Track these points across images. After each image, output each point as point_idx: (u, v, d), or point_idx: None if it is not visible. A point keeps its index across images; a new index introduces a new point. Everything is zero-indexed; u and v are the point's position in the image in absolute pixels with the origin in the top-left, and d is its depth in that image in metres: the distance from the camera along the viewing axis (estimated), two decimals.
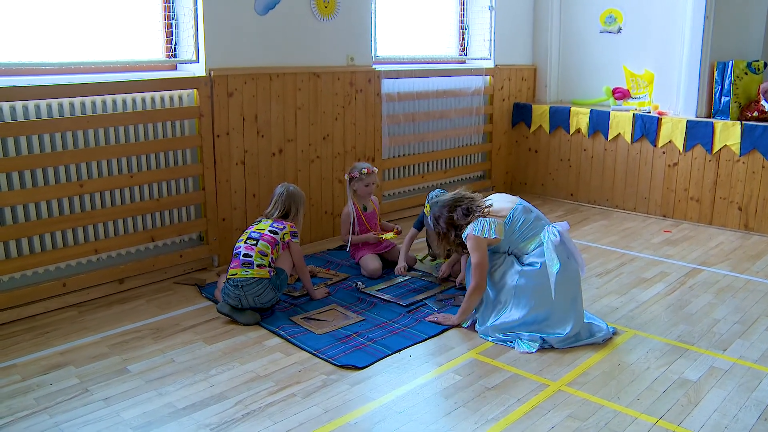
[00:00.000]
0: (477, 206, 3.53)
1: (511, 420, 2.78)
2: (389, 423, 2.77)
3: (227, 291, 3.69)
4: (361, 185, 4.52)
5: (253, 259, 3.69)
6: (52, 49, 3.93)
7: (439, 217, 3.59)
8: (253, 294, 3.65)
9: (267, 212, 4.02)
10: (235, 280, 3.65)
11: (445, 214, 3.57)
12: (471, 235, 3.46)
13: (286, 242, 3.85)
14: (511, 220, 3.49)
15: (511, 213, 3.50)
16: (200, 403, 2.90)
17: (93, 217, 4.03)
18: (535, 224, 3.50)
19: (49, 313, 3.85)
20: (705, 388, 3.04)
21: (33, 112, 3.73)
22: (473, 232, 3.45)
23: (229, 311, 3.70)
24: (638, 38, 6.50)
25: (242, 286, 3.64)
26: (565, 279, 3.38)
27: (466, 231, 3.49)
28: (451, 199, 3.61)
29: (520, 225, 3.48)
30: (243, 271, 3.66)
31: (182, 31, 4.38)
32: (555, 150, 6.77)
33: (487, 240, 3.44)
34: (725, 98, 5.67)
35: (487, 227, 3.44)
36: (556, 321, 3.42)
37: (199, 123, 4.43)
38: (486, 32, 6.59)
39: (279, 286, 3.77)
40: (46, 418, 2.78)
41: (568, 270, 3.42)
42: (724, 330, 3.67)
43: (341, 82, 5.25)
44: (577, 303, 3.48)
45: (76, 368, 3.21)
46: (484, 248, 3.47)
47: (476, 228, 3.45)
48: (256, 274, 3.66)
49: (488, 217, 3.48)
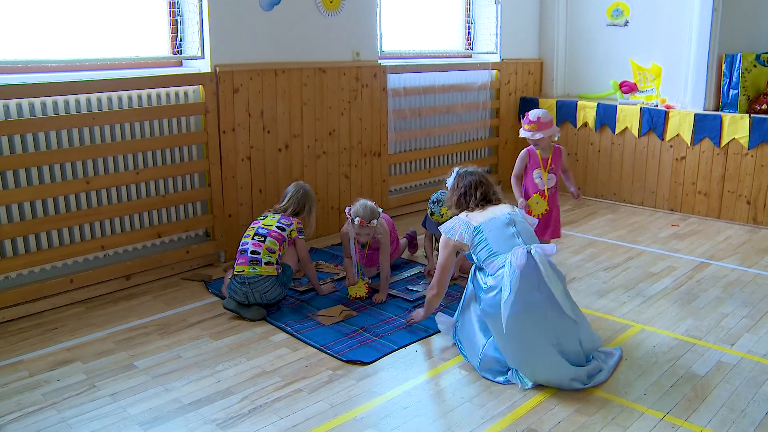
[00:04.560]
0: (472, 203, 3.29)
1: (518, 415, 2.77)
2: (395, 418, 2.76)
3: (234, 287, 3.69)
4: (351, 230, 4.01)
5: (260, 256, 3.69)
6: (58, 46, 3.93)
7: (456, 185, 3.40)
8: (260, 291, 3.66)
9: (277, 207, 4.01)
10: (243, 277, 3.65)
11: (461, 186, 3.35)
12: (442, 231, 3.26)
13: (292, 239, 3.85)
14: (479, 231, 3.11)
15: (484, 222, 3.13)
16: (207, 399, 2.90)
17: (99, 213, 4.04)
18: (505, 242, 3.04)
19: (57, 310, 3.87)
20: (712, 383, 3.02)
21: (39, 110, 3.73)
22: (444, 229, 3.25)
23: (236, 307, 3.71)
24: (645, 31, 6.45)
25: (249, 283, 3.64)
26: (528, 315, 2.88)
27: (441, 226, 3.31)
28: (479, 179, 3.36)
29: (487, 237, 3.08)
30: (250, 268, 3.66)
31: (187, 27, 4.38)
32: (562, 144, 6.65)
33: (453, 242, 3.18)
34: (733, 91, 5.63)
35: (456, 227, 3.19)
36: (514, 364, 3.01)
37: (205, 119, 4.43)
38: (492, 26, 6.55)
39: (285, 282, 3.78)
40: (53, 413, 2.79)
41: (533, 306, 2.87)
42: (732, 324, 3.65)
43: (347, 78, 5.23)
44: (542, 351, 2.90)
45: (83, 364, 3.22)
46: (450, 250, 3.22)
47: (448, 226, 3.24)
48: (263, 271, 3.66)
49: (466, 219, 3.20)
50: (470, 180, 3.36)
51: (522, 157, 4.31)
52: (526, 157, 4.30)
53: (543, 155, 4.26)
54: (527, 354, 2.94)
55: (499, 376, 3.06)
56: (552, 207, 4.31)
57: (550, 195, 4.28)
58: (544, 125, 4.16)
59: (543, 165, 4.22)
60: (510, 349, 2.99)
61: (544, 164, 4.22)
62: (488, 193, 3.33)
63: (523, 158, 4.31)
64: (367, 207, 3.91)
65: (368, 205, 3.93)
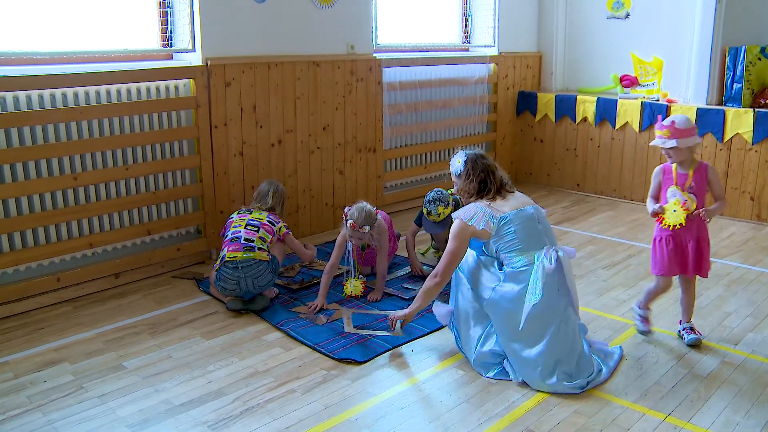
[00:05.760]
0: (494, 189, 3.19)
1: (516, 416, 2.76)
2: (391, 419, 2.75)
3: (225, 274, 3.69)
4: (345, 232, 3.89)
5: (254, 243, 3.78)
6: (44, 38, 3.90)
7: (472, 170, 3.24)
8: (252, 275, 3.68)
9: (260, 205, 4.11)
10: (236, 262, 3.69)
11: (479, 171, 3.22)
12: (458, 218, 3.12)
13: (281, 235, 4.00)
14: (507, 221, 3.05)
15: (512, 213, 3.07)
16: (198, 400, 2.89)
17: (87, 210, 4.02)
18: (532, 238, 3.05)
19: (43, 309, 3.84)
20: (716, 383, 3.02)
21: (24, 103, 3.71)
22: (463, 216, 3.09)
23: (242, 306, 3.75)
24: (647, 24, 6.44)
25: (242, 268, 3.67)
26: (544, 315, 2.97)
27: (457, 212, 3.17)
28: (492, 162, 3.28)
29: (515, 230, 3.04)
30: (244, 253, 3.72)
31: (178, 19, 4.36)
32: (561, 139, 6.74)
33: (472, 230, 3.07)
34: (737, 85, 5.62)
35: (479, 215, 3.06)
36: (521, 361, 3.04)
37: (196, 114, 4.41)
38: (490, 19, 6.54)
39: (275, 269, 3.85)
40: (39, 416, 2.77)
41: (552, 306, 2.98)
42: (736, 323, 3.64)
43: (341, 71, 5.22)
44: (551, 345, 2.98)
45: (70, 365, 3.20)
46: (465, 237, 3.09)
47: (468, 213, 3.09)
48: (257, 256, 3.73)
49: (488, 208, 3.11)
50: (486, 163, 3.24)
51: (655, 174, 3.44)
52: (660, 174, 3.41)
53: (680, 171, 3.35)
54: (541, 350, 2.99)
55: (492, 370, 3.09)
56: (696, 233, 3.34)
57: (690, 221, 3.31)
58: (681, 132, 3.26)
59: (679, 183, 3.32)
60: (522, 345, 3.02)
61: (680, 182, 3.32)
62: (503, 178, 3.27)
63: (657, 176, 3.43)
64: (363, 212, 3.79)
65: (366, 210, 3.82)
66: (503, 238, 3.05)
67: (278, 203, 4.18)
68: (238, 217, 3.98)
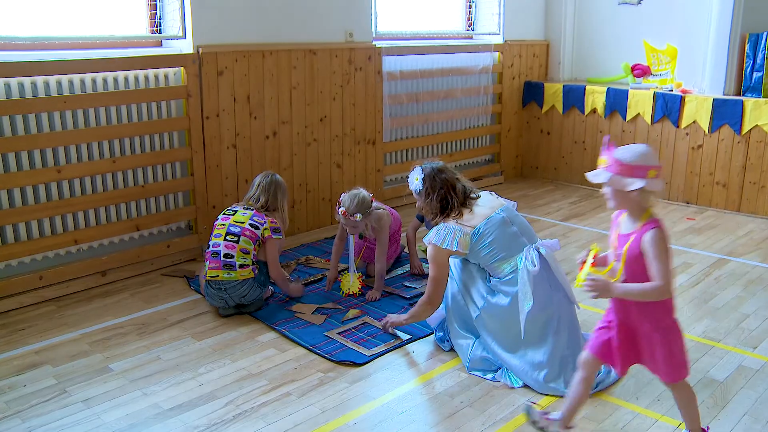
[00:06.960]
0: (457, 204, 3.17)
1: (521, 421, 2.74)
2: (390, 424, 2.74)
3: (209, 292, 3.67)
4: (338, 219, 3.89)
5: (234, 260, 3.61)
6: (24, 22, 3.86)
7: (431, 188, 3.21)
8: (238, 295, 3.64)
9: (248, 197, 3.90)
10: (218, 283, 3.62)
11: (439, 188, 3.19)
12: (430, 243, 3.12)
13: (265, 238, 3.74)
14: (479, 235, 3.06)
15: (482, 224, 3.07)
16: (188, 404, 2.87)
17: (72, 205, 3.99)
18: (510, 242, 3.07)
19: (24, 309, 3.82)
20: (733, 389, 2.99)
21: (3, 92, 3.67)
22: (434, 240, 3.09)
23: (235, 310, 3.71)
24: (660, 10, 6.41)
25: (225, 289, 3.62)
26: (541, 316, 3.00)
27: (427, 236, 3.15)
28: (452, 174, 3.26)
29: (491, 241, 3.04)
30: (225, 273, 3.60)
31: (167, 4, 4.33)
32: (569, 132, 6.71)
33: (448, 252, 3.09)
34: (757, 74, 5.58)
35: (450, 237, 3.06)
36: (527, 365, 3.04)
37: (187, 104, 4.39)
38: (495, 5, 6.52)
39: (264, 281, 3.75)
40: (17, 422, 2.74)
41: (547, 305, 3.00)
42: (754, 326, 3.62)
43: (339, 60, 5.19)
44: (555, 343, 3.01)
45: (53, 368, 3.18)
46: (443, 261, 3.12)
47: (438, 236, 3.09)
48: (239, 275, 3.61)
49: (457, 224, 3.10)
50: (444, 178, 3.21)
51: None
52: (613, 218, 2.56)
53: (628, 223, 2.43)
54: (547, 351, 3.00)
55: (489, 373, 3.11)
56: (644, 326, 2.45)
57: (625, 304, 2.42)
58: (620, 167, 2.30)
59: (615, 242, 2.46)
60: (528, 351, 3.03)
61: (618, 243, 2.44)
62: (466, 187, 3.25)
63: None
64: (355, 198, 3.74)
65: (359, 196, 3.76)
66: (480, 252, 3.07)
67: (272, 197, 3.88)
68: (221, 218, 3.77)
